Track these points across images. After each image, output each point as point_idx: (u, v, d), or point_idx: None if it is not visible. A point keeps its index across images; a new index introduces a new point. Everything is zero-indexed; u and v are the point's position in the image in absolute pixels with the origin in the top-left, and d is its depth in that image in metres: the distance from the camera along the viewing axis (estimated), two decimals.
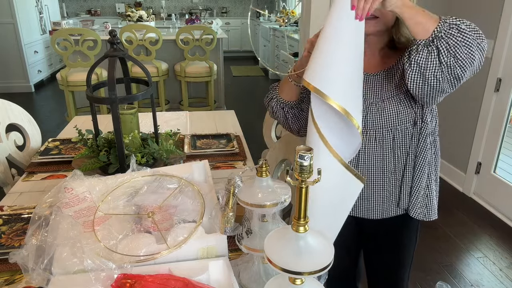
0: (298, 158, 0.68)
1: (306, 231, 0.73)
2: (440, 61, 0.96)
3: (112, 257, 0.88)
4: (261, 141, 2.01)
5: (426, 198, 1.22)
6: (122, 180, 1.09)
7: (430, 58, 0.97)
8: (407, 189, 1.21)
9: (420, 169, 1.18)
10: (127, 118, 1.36)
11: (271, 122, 1.94)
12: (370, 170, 1.18)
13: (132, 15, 4.72)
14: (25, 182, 1.45)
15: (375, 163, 1.18)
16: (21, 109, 1.81)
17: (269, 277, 0.82)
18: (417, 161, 1.18)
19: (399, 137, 1.16)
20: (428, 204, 1.22)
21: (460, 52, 0.94)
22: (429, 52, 0.97)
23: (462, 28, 0.94)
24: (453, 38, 0.94)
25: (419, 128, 1.16)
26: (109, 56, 1.21)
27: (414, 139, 1.17)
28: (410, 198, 1.21)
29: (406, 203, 1.22)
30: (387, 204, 1.23)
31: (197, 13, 8.51)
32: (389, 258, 1.35)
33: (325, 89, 0.96)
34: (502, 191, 2.77)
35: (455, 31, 0.94)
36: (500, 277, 2.19)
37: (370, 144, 1.17)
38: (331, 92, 0.96)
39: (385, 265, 1.39)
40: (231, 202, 0.89)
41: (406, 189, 1.21)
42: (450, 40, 0.94)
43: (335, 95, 0.96)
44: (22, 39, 5.51)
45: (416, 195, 1.20)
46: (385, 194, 1.22)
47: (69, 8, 8.51)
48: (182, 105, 4.33)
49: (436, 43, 0.96)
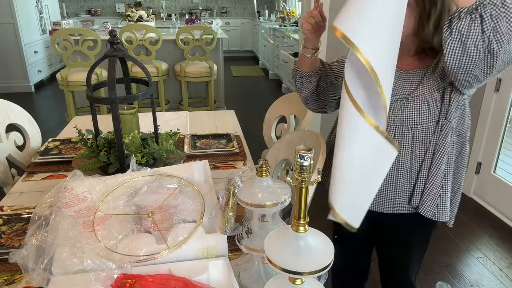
0: (298, 158, 0.68)
1: (306, 231, 0.73)
2: (482, 29, 0.92)
3: (112, 257, 0.88)
4: (261, 141, 2.01)
5: (438, 197, 1.19)
6: (122, 180, 1.09)
7: (473, 26, 0.93)
8: (420, 187, 1.19)
9: (436, 167, 1.16)
10: (127, 118, 1.36)
11: (271, 122, 1.94)
12: None
13: (132, 15, 4.72)
14: (25, 182, 1.45)
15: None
16: (21, 109, 1.81)
17: (269, 277, 0.82)
18: (434, 159, 1.16)
19: (419, 136, 1.15)
20: (440, 204, 1.20)
21: (500, 24, 0.91)
22: (472, 20, 0.93)
23: (507, 2, 0.90)
24: (496, 9, 0.90)
25: (440, 125, 1.14)
26: (109, 56, 1.21)
27: (434, 137, 1.15)
28: (422, 195, 1.20)
29: (417, 201, 1.21)
30: (399, 200, 1.23)
31: (197, 13, 8.50)
32: (397, 253, 1.36)
33: (355, 39, 0.85)
34: (502, 191, 2.77)
35: (499, 2, 0.91)
36: (500, 277, 2.19)
37: None
38: (362, 43, 0.85)
39: (393, 260, 1.39)
40: (231, 202, 0.89)
41: (419, 187, 1.19)
42: (493, 11, 0.91)
43: (366, 49, 0.85)
44: (22, 39, 5.50)
45: (428, 193, 1.18)
46: (398, 191, 1.21)
47: (69, 8, 8.51)
48: (182, 105, 4.33)
49: (480, 11, 0.92)
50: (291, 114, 1.88)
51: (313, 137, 1.33)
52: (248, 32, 8.97)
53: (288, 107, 1.90)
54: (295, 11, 7.11)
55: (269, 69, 6.98)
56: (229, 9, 9.15)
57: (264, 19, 8.06)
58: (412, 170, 1.19)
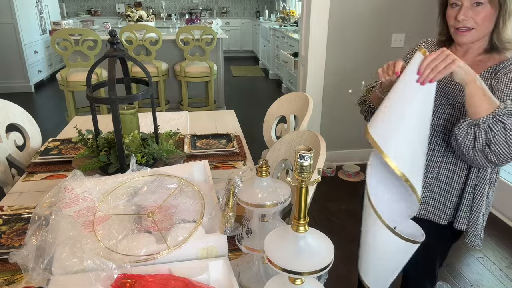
0: (298, 158, 0.68)
1: (306, 231, 0.73)
2: (474, 145, 0.99)
3: (112, 257, 0.88)
4: (261, 141, 2.01)
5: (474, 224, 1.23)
6: (122, 180, 1.09)
7: (466, 138, 1.00)
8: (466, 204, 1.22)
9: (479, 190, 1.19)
10: (127, 118, 1.36)
11: (271, 122, 1.94)
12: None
13: (132, 15, 4.72)
14: (25, 182, 1.45)
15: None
16: (21, 109, 1.81)
17: (269, 277, 0.81)
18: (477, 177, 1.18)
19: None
20: (476, 232, 1.23)
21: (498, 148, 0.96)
22: (466, 134, 1.00)
23: (508, 127, 0.95)
24: (493, 134, 0.96)
25: None
26: (109, 56, 1.21)
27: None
28: (457, 211, 1.23)
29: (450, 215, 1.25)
30: (431, 206, 1.26)
31: (197, 13, 8.50)
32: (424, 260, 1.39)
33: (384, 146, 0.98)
34: (502, 191, 2.77)
35: (499, 127, 0.96)
36: (500, 277, 2.19)
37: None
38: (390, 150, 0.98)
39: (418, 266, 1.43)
40: (231, 202, 0.89)
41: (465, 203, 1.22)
42: (488, 134, 0.96)
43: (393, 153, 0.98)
44: (22, 39, 5.50)
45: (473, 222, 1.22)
46: (432, 196, 1.25)
47: (69, 8, 8.51)
48: (182, 105, 4.33)
49: (474, 130, 0.98)
50: (291, 114, 1.88)
51: (313, 137, 1.33)
52: (248, 32, 8.96)
53: (288, 107, 1.90)
54: (295, 11, 7.11)
55: (269, 69, 6.98)
56: (229, 9, 9.15)
57: (264, 19, 8.06)
58: (449, 180, 1.22)
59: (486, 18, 1.07)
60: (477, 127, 0.98)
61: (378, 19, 3.07)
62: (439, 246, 1.36)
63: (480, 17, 1.07)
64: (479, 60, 1.17)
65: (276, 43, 6.36)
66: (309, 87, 3.17)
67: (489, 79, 1.12)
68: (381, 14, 3.06)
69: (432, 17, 2.31)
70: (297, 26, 6.03)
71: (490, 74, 1.12)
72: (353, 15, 3.03)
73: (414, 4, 3.05)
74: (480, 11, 1.07)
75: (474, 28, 1.09)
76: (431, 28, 1.57)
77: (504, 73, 1.08)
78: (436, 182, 1.23)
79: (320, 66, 3.12)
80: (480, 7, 1.06)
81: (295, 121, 1.88)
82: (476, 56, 1.17)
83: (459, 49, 1.20)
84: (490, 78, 1.11)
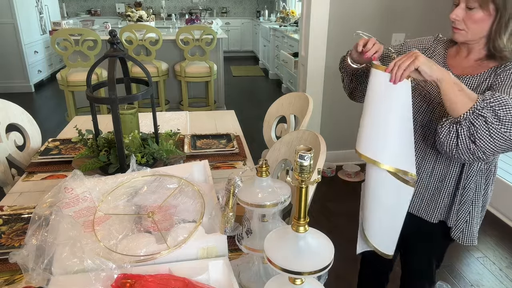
0: (298, 158, 0.68)
1: (306, 231, 0.73)
2: (457, 143, 1.00)
3: (112, 257, 0.88)
4: (261, 141, 2.01)
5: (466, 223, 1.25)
6: (122, 180, 1.09)
7: (449, 137, 1.01)
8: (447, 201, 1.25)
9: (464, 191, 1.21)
10: (127, 118, 1.36)
11: (271, 122, 1.94)
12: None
13: (132, 15, 4.72)
14: (25, 182, 1.45)
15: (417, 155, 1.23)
16: (21, 109, 1.81)
17: (269, 277, 0.81)
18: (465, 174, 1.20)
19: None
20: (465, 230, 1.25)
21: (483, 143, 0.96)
22: (449, 132, 1.01)
23: (489, 121, 0.95)
24: (475, 129, 0.96)
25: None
26: (109, 56, 1.21)
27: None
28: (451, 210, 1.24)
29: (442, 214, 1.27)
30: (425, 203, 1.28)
31: (197, 13, 8.50)
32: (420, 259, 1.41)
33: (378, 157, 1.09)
34: (502, 191, 2.77)
35: (481, 121, 0.96)
36: (500, 277, 2.19)
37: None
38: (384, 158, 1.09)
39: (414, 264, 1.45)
40: (231, 202, 0.89)
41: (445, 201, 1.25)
42: (471, 129, 0.97)
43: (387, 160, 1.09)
44: (22, 39, 5.50)
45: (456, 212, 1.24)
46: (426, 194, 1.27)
47: (69, 8, 8.50)
48: (182, 105, 4.33)
49: (456, 127, 0.99)
50: (291, 114, 1.88)
51: (313, 137, 1.33)
52: (248, 32, 8.96)
53: (288, 107, 1.90)
54: (295, 11, 7.11)
55: (269, 69, 6.97)
56: (229, 9, 9.14)
57: (264, 19, 8.06)
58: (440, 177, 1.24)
59: (477, 22, 1.08)
60: (458, 124, 0.98)
61: (378, 19, 3.07)
62: (433, 246, 1.36)
63: (471, 21, 1.09)
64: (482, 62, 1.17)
65: (276, 43, 6.36)
66: (309, 87, 3.17)
67: (488, 79, 1.12)
68: (381, 14, 3.06)
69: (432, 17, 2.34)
70: (297, 26, 6.03)
71: (490, 74, 1.12)
72: (353, 15, 3.03)
73: (414, 4, 3.05)
74: (472, 15, 1.08)
75: (464, 30, 1.11)
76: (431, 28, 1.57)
77: (503, 70, 1.09)
78: (430, 180, 1.25)
79: (320, 66, 3.12)
80: (472, 11, 1.07)
81: (295, 121, 1.88)
82: (478, 59, 1.18)
83: (463, 49, 1.20)
84: (490, 77, 1.12)
